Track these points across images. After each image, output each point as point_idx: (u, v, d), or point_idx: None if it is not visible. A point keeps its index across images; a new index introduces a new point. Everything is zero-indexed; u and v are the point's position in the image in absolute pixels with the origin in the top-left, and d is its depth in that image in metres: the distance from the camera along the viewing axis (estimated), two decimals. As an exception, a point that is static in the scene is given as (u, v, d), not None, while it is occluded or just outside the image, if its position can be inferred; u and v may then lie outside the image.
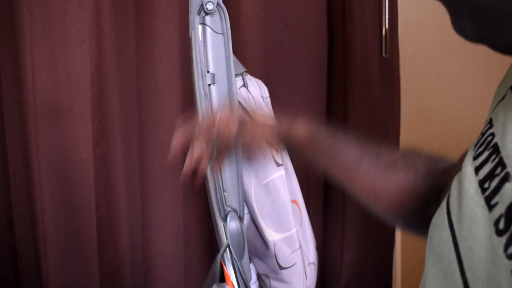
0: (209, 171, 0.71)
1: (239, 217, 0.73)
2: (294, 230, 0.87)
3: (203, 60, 0.71)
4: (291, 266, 0.86)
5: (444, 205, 0.34)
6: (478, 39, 0.29)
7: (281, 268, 0.86)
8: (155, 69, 0.98)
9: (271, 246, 0.85)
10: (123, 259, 1.04)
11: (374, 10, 1.12)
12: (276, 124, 0.63)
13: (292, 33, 1.06)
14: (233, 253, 0.71)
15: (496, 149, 0.31)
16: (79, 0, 0.92)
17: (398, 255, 1.26)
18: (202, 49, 0.72)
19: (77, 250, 0.97)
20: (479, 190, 0.30)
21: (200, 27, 0.72)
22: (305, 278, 0.88)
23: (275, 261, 0.85)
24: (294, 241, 0.86)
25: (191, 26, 0.72)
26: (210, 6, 0.71)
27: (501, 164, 0.29)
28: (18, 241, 0.98)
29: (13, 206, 0.97)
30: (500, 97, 0.36)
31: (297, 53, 1.08)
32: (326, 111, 1.13)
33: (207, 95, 0.71)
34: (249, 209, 0.86)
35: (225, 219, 0.71)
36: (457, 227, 0.31)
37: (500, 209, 0.27)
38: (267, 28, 1.05)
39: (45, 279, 0.96)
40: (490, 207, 0.28)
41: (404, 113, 1.20)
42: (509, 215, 0.27)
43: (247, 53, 1.04)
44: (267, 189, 0.85)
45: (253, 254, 0.89)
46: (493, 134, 0.32)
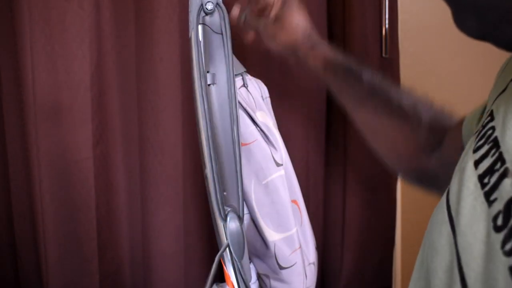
0: (209, 171, 0.71)
1: (239, 217, 0.73)
2: (294, 230, 0.87)
3: (203, 60, 0.71)
4: (291, 266, 0.86)
5: (444, 199, 0.34)
6: (481, 36, 0.29)
7: (281, 268, 0.86)
8: (155, 69, 0.98)
9: (271, 246, 0.85)
10: (123, 259, 1.04)
11: (374, 10, 1.12)
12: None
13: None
14: (233, 253, 0.71)
15: (496, 144, 0.30)
16: (79, 0, 0.92)
17: (398, 255, 1.26)
18: (202, 49, 0.72)
19: (77, 250, 0.97)
20: (478, 185, 0.30)
21: (200, 27, 0.72)
22: (305, 278, 0.88)
23: (275, 261, 0.85)
24: (294, 241, 0.86)
25: (191, 26, 0.72)
26: (210, 6, 0.71)
27: (501, 159, 0.29)
28: (18, 241, 0.98)
29: (13, 206, 0.97)
30: (501, 88, 0.36)
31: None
32: (326, 111, 1.13)
33: (207, 95, 0.71)
34: (249, 209, 0.86)
35: (225, 219, 0.71)
36: (456, 222, 0.31)
37: (499, 205, 0.27)
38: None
39: (45, 279, 0.96)
40: (490, 202, 0.28)
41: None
42: (507, 211, 0.27)
43: (247, 53, 1.04)
44: (267, 189, 0.85)
45: (253, 254, 0.89)
46: (493, 128, 0.32)
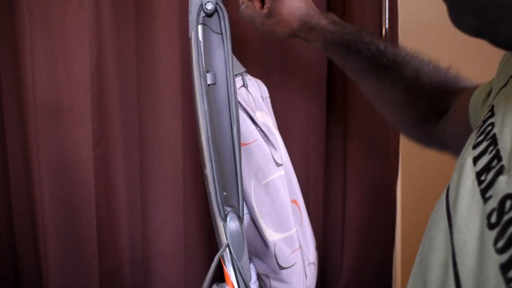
0: (209, 171, 0.71)
1: (239, 217, 0.73)
2: (294, 230, 0.87)
3: (203, 60, 0.71)
4: (291, 266, 0.86)
5: (443, 196, 0.34)
6: (477, 33, 0.28)
7: (281, 268, 0.86)
8: (155, 69, 0.98)
9: (271, 246, 0.85)
10: (123, 259, 1.04)
11: (374, 10, 1.11)
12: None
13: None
14: (233, 253, 0.71)
15: (494, 141, 0.30)
16: (79, 0, 0.92)
17: (398, 255, 1.26)
18: (202, 49, 0.72)
19: (77, 250, 0.97)
20: (476, 182, 0.30)
21: (200, 27, 0.72)
22: (305, 278, 0.88)
23: (275, 261, 0.85)
24: (294, 241, 0.86)
25: (191, 26, 0.72)
26: (209, 6, 0.71)
27: (498, 156, 0.29)
28: (18, 241, 0.98)
29: (13, 206, 0.97)
30: (503, 83, 0.35)
31: (297, 53, 1.08)
32: (326, 111, 1.13)
33: (207, 95, 0.71)
34: (249, 209, 0.86)
35: (225, 219, 0.71)
36: (453, 219, 0.31)
37: (494, 203, 0.27)
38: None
39: (45, 279, 0.96)
40: (485, 200, 0.28)
41: (404, 113, 1.20)
42: (501, 209, 0.26)
43: (247, 53, 1.04)
44: (267, 189, 0.85)
45: (253, 254, 0.89)
46: (493, 124, 0.32)
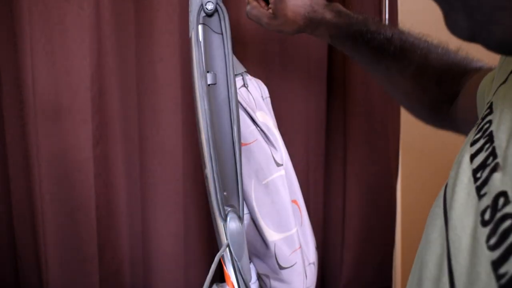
0: (209, 171, 0.71)
1: (239, 217, 0.73)
2: (294, 230, 0.87)
3: (203, 60, 0.71)
4: (291, 266, 0.86)
5: (441, 193, 0.34)
6: (471, 37, 0.28)
7: (281, 268, 0.86)
8: (155, 69, 0.98)
9: (271, 246, 0.85)
10: (123, 259, 1.04)
11: (374, 10, 1.11)
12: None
13: (292, 33, 1.06)
14: (233, 253, 0.71)
15: (491, 138, 0.30)
16: (79, 0, 0.92)
17: (398, 255, 1.26)
18: (202, 49, 0.72)
19: (77, 250, 0.97)
20: (472, 179, 0.30)
21: (200, 27, 0.72)
22: (305, 278, 0.88)
23: (275, 261, 0.85)
24: (294, 241, 0.86)
25: (191, 26, 0.72)
26: (210, 6, 0.71)
27: (493, 154, 0.29)
28: (18, 241, 0.98)
29: (13, 206, 0.97)
30: (502, 80, 0.35)
31: (297, 53, 1.08)
32: (326, 111, 1.13)
33: (207, 95, 0.71)
34: (249, 209, 0.86)
35: (225, 219, 0.71)
36: (449, 216, 0.31)
37: (488, 200, 0.27)
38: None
39: (45, 279, 0.96)
40: (480, 197, 0.28)
41: (404, 114, 1.20)
42: (494, 206, 0.27)
43: (247, 53, 1.04)
44: (267, 189, 0.85)
45: (253, 254, 0.89)
46: (490, 122, 0.32)
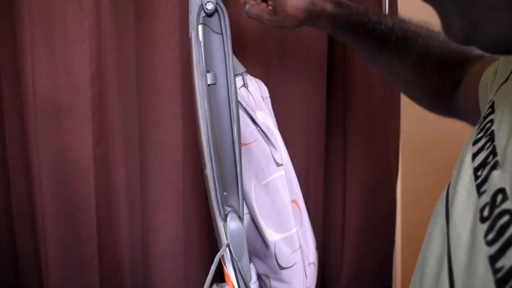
0: (209, 171, 0.71)
1: (239, 217, 0.73)
2: (294, 230, 0.87)
3: (203, 60, 0.71)
4: (291, 266, 0.86)
5: (444, 192, 0.34)
6: (466, 39, 0.28)
7: (281, 268, 0.86)
8: (155, 69, 0.98)
9: (271, 246, 0.85)
10: (123, 259, 1.04)
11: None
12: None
13: (292, 33, 1.06)
14: (233, 253, 0.71)
15: (492, 137, 0.31)
16: (79, 0, 0.92)
17: (398, 255, 1.26)
18: (202, 49, 0.72)
19: (77, 250, 0.97)
20: (473, 178, 0.31)
21: (200, 27, 0.72)
22: (305, 278, 0.88)
23: (275, 261, 0.85)
24: (294, 241, 0.86)
25: (191, 26, 0.72)
26: (210, 6, 0.71)
27: (493, 152, 0.30)
28: (18, 241, 0.98)
29: (13, 206, 0.97)
30: (503, 78, 0.35)
31: (297, 53, 1.08)
32: (326, 111, 1.13)
33: (207, 95, 0.71)
34: (249, 209, 0.86)
35: (225, 219, 0.71)
36: (450, 213, 0.31)
37: (487, 197, 0.28)
38: (267, 28, 1.05)
39: (45, 279, 0.96)
40: (479, 194, 0.29)
41: (404, 113, 1.20)
42: (493, 202, 0.27)
43: (247, 53, 1.04)
44: (267, 189, 0.85)
45: (253, 254, 0.89)
46: (492, 121, 0.32)
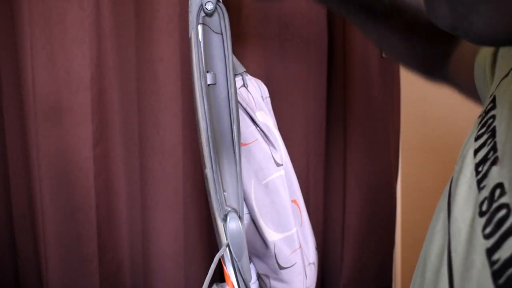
0: (209, 171, 0.71)
1: (239, 217, 0.73)
2: (294, 230, 0.87)
3: (203, 60, 0.71)
4: (291, 266, 0.86)
5: (447, 188, 0.35)
6: (452, 27, 0.28)
7: (281, 268, 0.86)
8: (155, 69, 0.98)
9: (271, 246, 0.85)
10: (123, 259, 1.04)
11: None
12: None
13: (292, 33, 1.06)
14: (233, 253, 0.71)
15: (493, 134, 0.31)
16: (79, 0, 0.92)
17: (398, 255, 1.26)
18: (202, 49, 0.72)
19: (77, 250, 0.97)
20: (474, 173, 0.31)
21: (200, 27, 0.72)
22: (305, 278, 0.88)
23: (275, 261, 0.85)
24: (294, 241, 0.86)
25: (191, 26, 0.72)
26: (209, 6, 0.71)
27: (494, 148, 0.30)
28: (18, 241, 0.98)
29: (13, 206, 0.97)
30: (504, 72, 0.35)
31: (297, 53, 1.08)
32: (326, 111, 1.13)
33: (207, 95, 0.71)
34: (249, 209, 0.86)
35: (225, 219, 0.71)
36: (451, 208, 0.32)
37: (486, 192, 0.28)
38: (267, 28, 1.05)
39: (45, 279, 0.96)
40: (479, 189, 0.29)
41: (404, 113, 1.20)
42: (491, 197, 0.27)
43: (247, 53, 1.04)
44: (267, 189, 0.85)
45: (253, 254, 0.89)
46: (494, 117, 0.32)
